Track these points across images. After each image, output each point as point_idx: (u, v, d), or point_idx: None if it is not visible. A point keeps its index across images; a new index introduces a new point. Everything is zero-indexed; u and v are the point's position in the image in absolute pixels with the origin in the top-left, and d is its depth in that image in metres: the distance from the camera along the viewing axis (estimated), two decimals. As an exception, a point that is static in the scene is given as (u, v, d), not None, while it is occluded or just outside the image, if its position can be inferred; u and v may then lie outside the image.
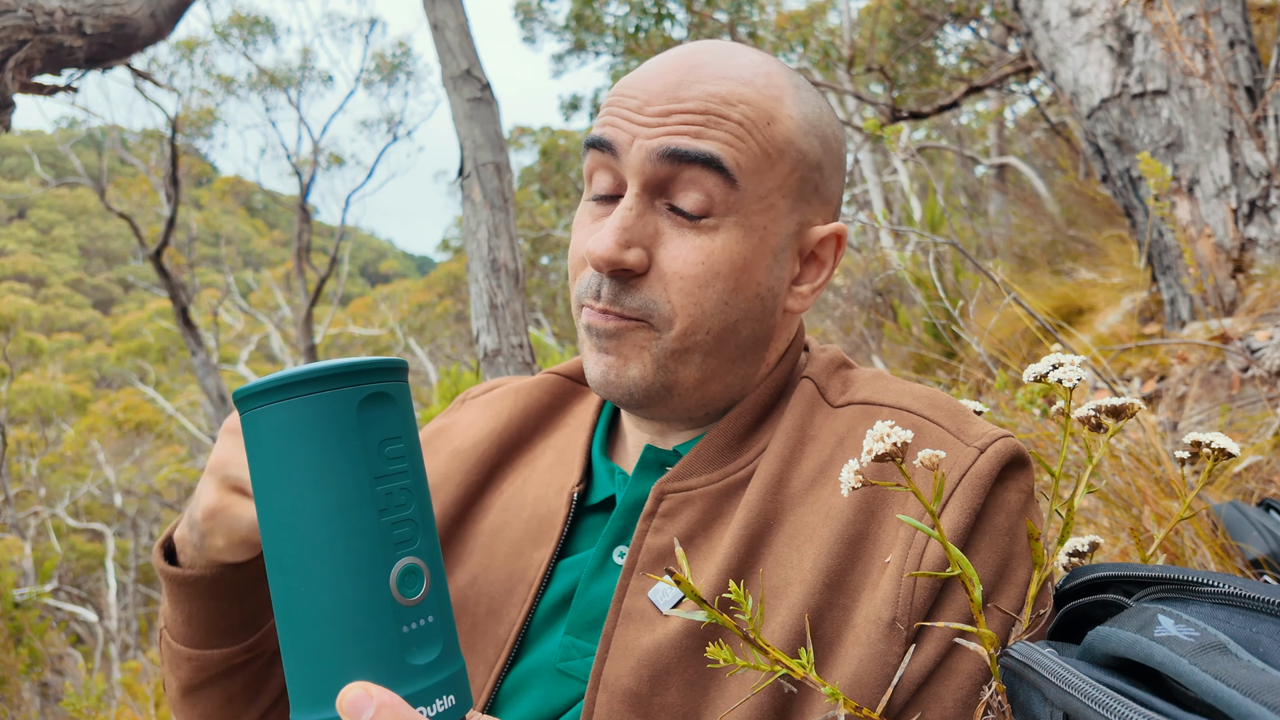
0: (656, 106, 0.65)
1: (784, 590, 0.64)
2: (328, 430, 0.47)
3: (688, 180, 0.65)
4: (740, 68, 0.67)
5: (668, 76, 0.66)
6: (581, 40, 11.24)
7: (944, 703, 0.61)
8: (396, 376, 0.51)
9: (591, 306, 0.69)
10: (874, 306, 5.29)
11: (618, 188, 0.69)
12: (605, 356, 0.69)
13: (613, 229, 0.65)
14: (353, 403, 0.48)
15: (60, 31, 3.10)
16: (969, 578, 0.57)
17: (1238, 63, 2.35)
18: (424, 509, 0.51)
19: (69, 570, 12.71)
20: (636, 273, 0.67)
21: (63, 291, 31.33)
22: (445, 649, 0.50)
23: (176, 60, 14.27)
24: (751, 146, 0.65)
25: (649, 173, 0.65)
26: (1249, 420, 1.81)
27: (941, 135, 10.63)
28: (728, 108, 0.65)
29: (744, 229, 0.67)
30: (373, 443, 0.48)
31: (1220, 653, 0.48)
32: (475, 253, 2.96)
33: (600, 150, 0.68)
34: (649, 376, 0.68)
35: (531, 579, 0.72)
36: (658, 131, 0.65)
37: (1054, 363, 0.63)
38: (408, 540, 0.49)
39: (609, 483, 0.75)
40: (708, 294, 0.66)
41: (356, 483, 0.47)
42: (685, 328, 0.67)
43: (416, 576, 0.49)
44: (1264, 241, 2.25)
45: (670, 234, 0.67)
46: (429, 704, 0.48)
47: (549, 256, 15.73)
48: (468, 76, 3.11)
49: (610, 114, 0.68)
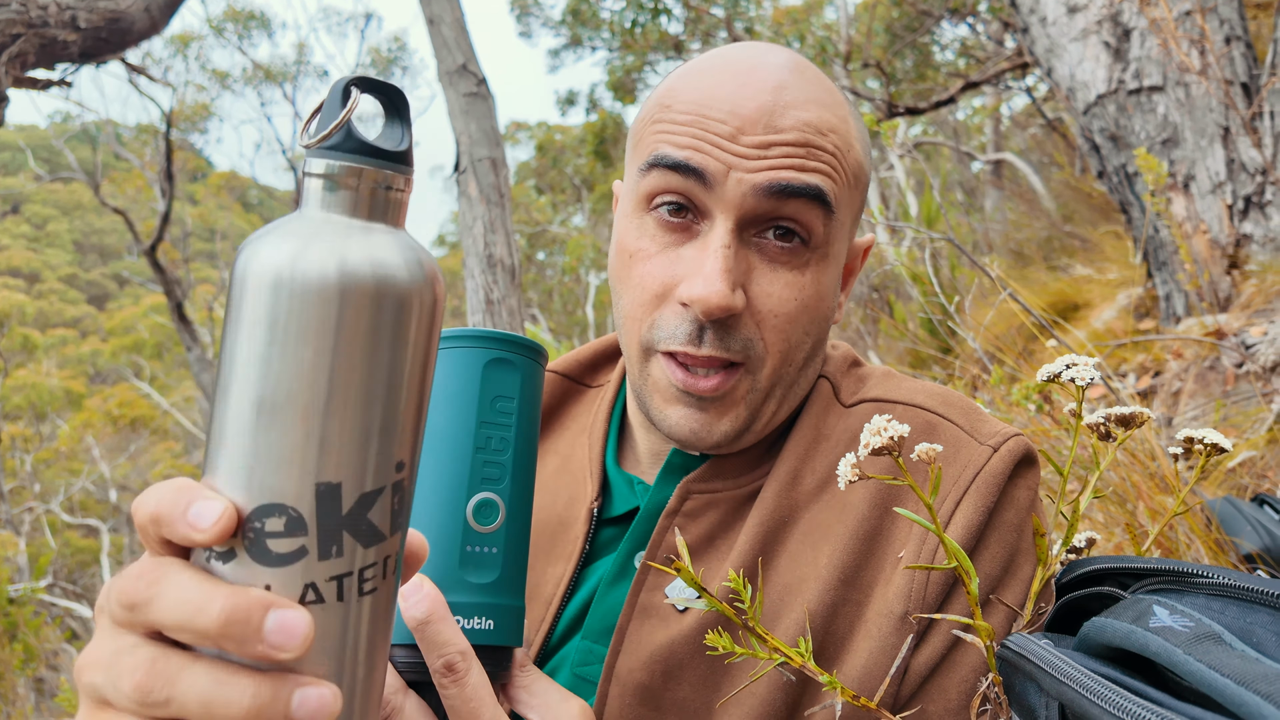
0: (754, 137, 0.62)
1: (799, 587, 0.64)
2: (458, 375, 0.58)
3: (789, 214, 0.63)
4: (813, 85, 0.66)
5: (760, 100, 0.62)
6: (578, 35, 11.21)
7: (948, 695, 0.61)
8: (525, 353, 0.60)
9: (691, 358, 0.64)
10: (870, 302, 5.30)
11: (695, 215, 0.64)
12: (699, 415, 0.66)
13: (720, 272, 0.61)
14: (481, 360, 0.58)
15: (54, 25, 3.09)
16: (966, 572, 0.57)
17: (1234, 59, 2.35)
18: (519, 460, 0.59)
19: (64, 566, 12.69)
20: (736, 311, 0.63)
21: (57, 287, 31.24)
22: (501, 581, 0.57)
23: (171, 55, 14.21)
24: (843, 177, 0.65)
25: (748, 207, 0.62)
26: (1243, 415, 1.81)
27: (938, 131, 10.63)
28: (821, 138, 0.63)
29: (829, 259, 0.66)
30: (488, 395, 0.58)
31: (1214, 642, 0.48)
32: (471, 248, 2.96)
33: (683, 174, 0.62)
34: (740, 426, 0.67)
35: (549, 596, 0.71)
36: (760, 165, 0.61)
37: (1067, 363, 0.63)
38: (495, 479, 0.58)
39: (630, 494, 0.75)
40: (795, 329, 0.65)
41: (464, 419, 0.57)
42: (776, 365, 0.66)
43: (493, 510, 0.57)
44: (1259, 237, 2.25)
45: (762, 269, 0.64)
46: (468, 617, 0.55)
47: (545, 252, 15.71)
48: (464, 71, 3.10)
49: (693, 136, 0.63)
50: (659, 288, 0.65)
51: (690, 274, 0.63)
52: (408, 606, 0.52)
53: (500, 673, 0.57)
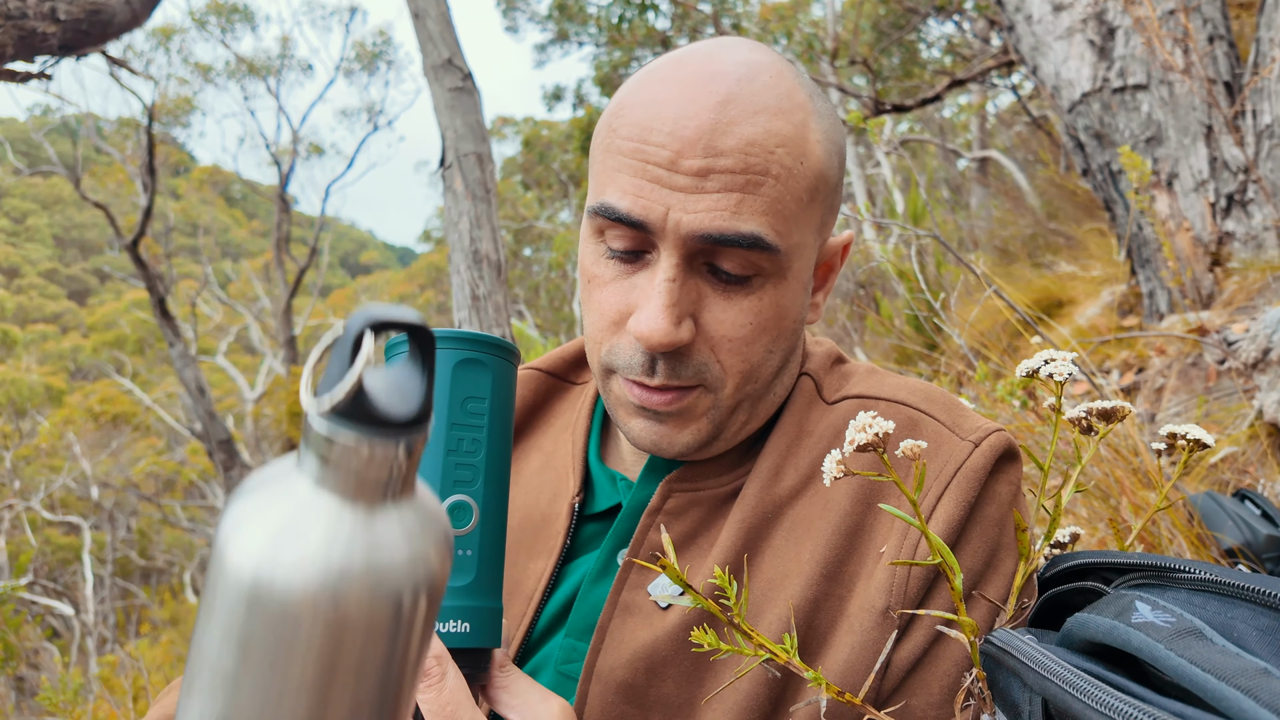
0: (693, 161, 0.59)
1: (782, 582, 0.64)
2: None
3: (726, 258, 0.62)
4: (764, 90, 0.62)
5: (701, 119, 0.60)
6: (564, 30, 11.18)
7: (930, 689, 0.62)
8: (496, 353, 0.59)
9: (645, 385, 0.65)
10: (856, 299, 5.31)
11: (642, 245, 0.64)
12: (658, 426, 0.66)
13: (663, 308, 0.61)
14: (450, 361, 0.57)
15: (33, 17, 3.05)
16: (950, 567, 0.57)
17: (1217, 58, 2.37)
18: (491, 462, 0.58)
19: (45, 564, 12.57)
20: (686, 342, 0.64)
21: (37, 282, 30.90)
22: (477, 583, 0.56)
23: (153, 48, 14.08)
24: (789, 202, 0.62)
25: (690, 247, 0.61)
26: (1225, 411, 1.83)
27: (924, 128, 10.67)
28: (768, 157, 0.60)
29: (785, 279, 0.65)
30: (458, 397, 0.57)
31: (1195, 638, 0.48)
32: (457, 244, 2.94)
33: (626, 225, 0.62)
34: (703, 437, 0.67)
35: (530, 591, 0.71)
36: (696, 206, 0.60)
37: (1046, 358, 0.64)
38: (467, 481, 0.57)
39: (612, 491, 0.75)
40: (755, 350, 0.65)
41: (435, 421, 0.55)
42: (737, 384, 0.66)
43: (466, 512, 0.56)
44: (1241, 235, 2.27)
45: (713, 297, 0.63)
46: (443, 621, 0.54)
47: (531, 248, 15.67)
48: (449, 66, 3.09)
49: (633, 174, 0.61)
50: (615, 314, 0.65)
51: (640, 304, 0.63)
52: None
53: (479, 674, 0.56)
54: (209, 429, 9.24)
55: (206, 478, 14.97)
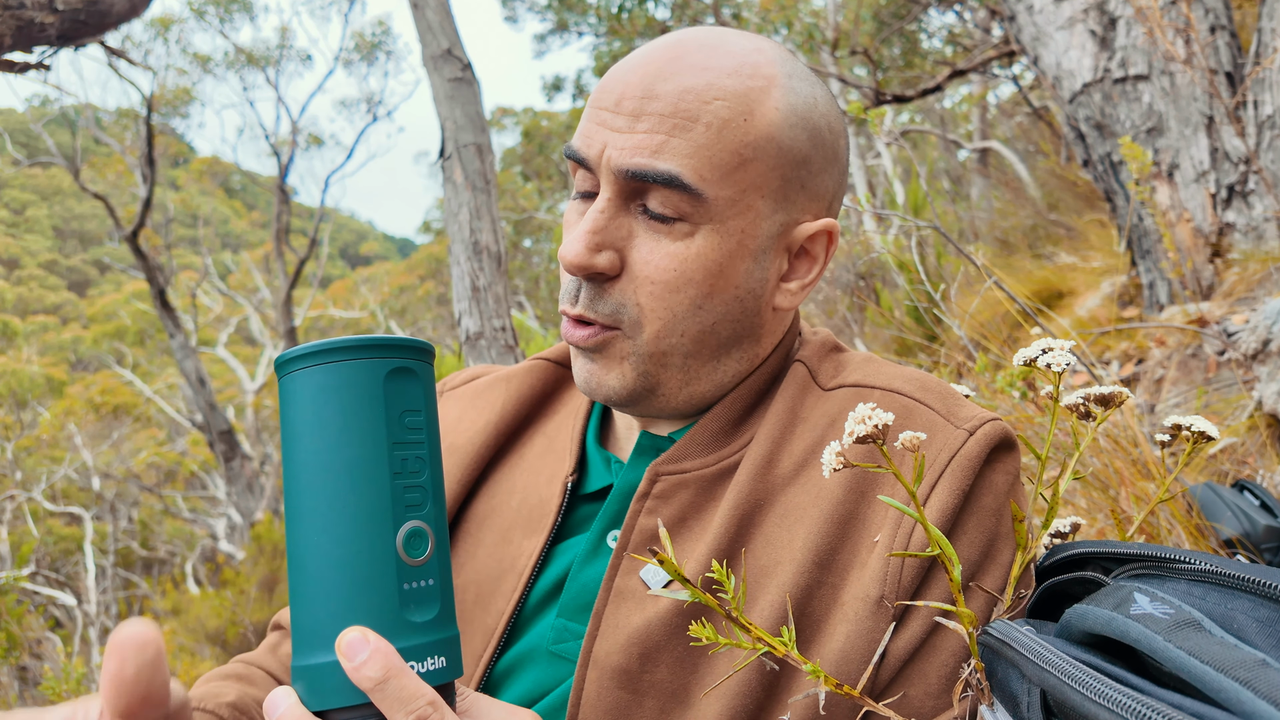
0: (630, 103, 0.64)
1: (773, 569, 0.64)
2: (357, 393, 0.51)
3: (650, 195, 0.64)
4: (726, 56, 0.64)
5: (648, 67, 0.64)
6: (564, 20, 11.14)
7: (928, 679, 0.62)
8: (422, 357, 0.55)
9: (568, 313, 0.68)
10: (857, 290, 5.31)
11: (595, 186, 0.68)
12: (589, 365, 0.69)
13: (584, 232, 0.65)
14: (381, 373, 0.52)
15: (31, 8, 3.04)
16: (948, 558, 0.57)
17: (1218, 48, 2.36)
18: (435, 480, 0.54)
19: (47, 554, 12.60)
20: (609, 275, 0.66)
21: (37, 273, 30.87)
22: (442, 613, 0.53)
23: (152, 38, 14.03)
24: (719, 152, 0.63)
25: (621, 184, 0.65)
26: (1225, 403, 1.83)
27: (925, 119, 10.64)
28: (700, 106, 0.62)
29: (720, 234, 0.65)
30: (395, 411, 0.52)
31: (1194, 629, 0.49)
32: (457, 235, 2.94)
33: (579, 163, 0.67)
34: (630, 383, 0.68)
35: (521, 568, 0.72)
36: (625, 144, 0.63)
37: (1043, 347, 0.64)
38: (417, 505, 0.52)
39: (605, 472, 0.75)
40: (679, 299, 0.66)
41: (376, 443, 0.51)
42: (657, 331, 0.66)
43: (422, 539, 0.52)
44: (1241, 226, 2.27)
45: (644, 236, 0.66)
46: (420, 660, 0.50)
47: (531, 239, 15.66)
48: (448, 56, 3.08)
49: (588, 117, 0.66)
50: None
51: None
52: (358, 667, 0.47)
53: (450, 704, 0.54)
54: (210, 420, 9.26)
55: (207, 468, 14.99)
